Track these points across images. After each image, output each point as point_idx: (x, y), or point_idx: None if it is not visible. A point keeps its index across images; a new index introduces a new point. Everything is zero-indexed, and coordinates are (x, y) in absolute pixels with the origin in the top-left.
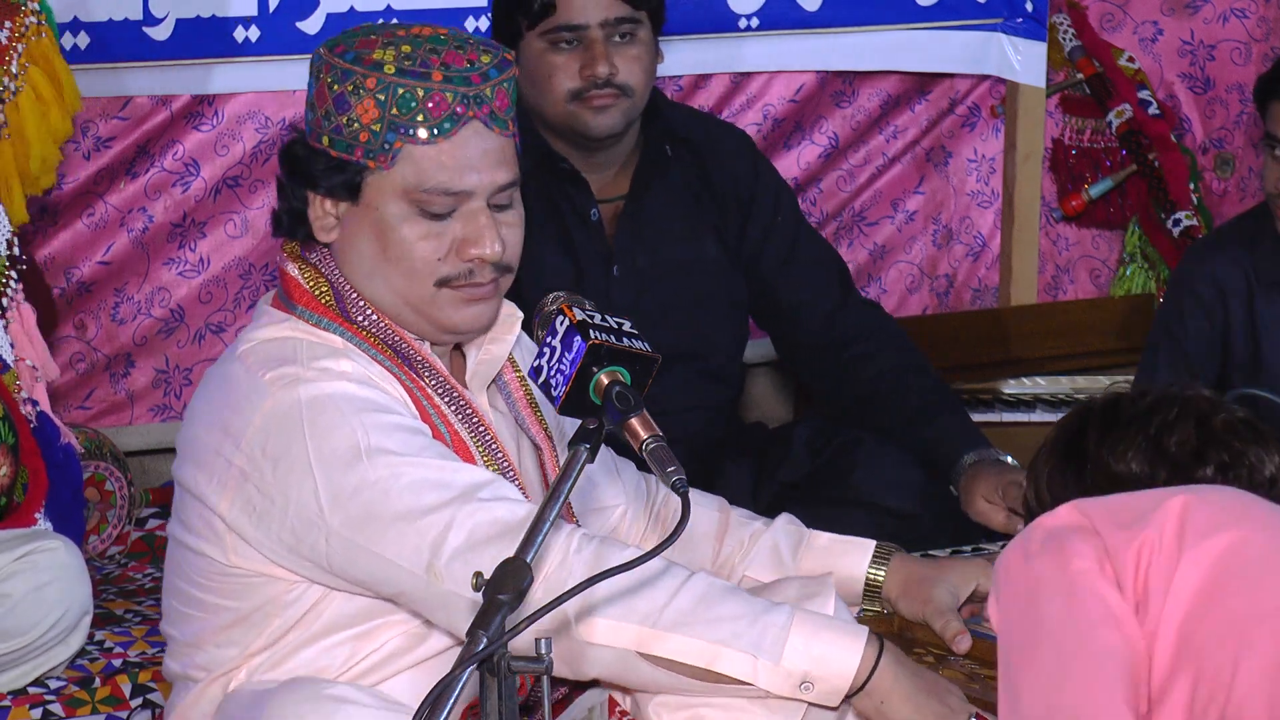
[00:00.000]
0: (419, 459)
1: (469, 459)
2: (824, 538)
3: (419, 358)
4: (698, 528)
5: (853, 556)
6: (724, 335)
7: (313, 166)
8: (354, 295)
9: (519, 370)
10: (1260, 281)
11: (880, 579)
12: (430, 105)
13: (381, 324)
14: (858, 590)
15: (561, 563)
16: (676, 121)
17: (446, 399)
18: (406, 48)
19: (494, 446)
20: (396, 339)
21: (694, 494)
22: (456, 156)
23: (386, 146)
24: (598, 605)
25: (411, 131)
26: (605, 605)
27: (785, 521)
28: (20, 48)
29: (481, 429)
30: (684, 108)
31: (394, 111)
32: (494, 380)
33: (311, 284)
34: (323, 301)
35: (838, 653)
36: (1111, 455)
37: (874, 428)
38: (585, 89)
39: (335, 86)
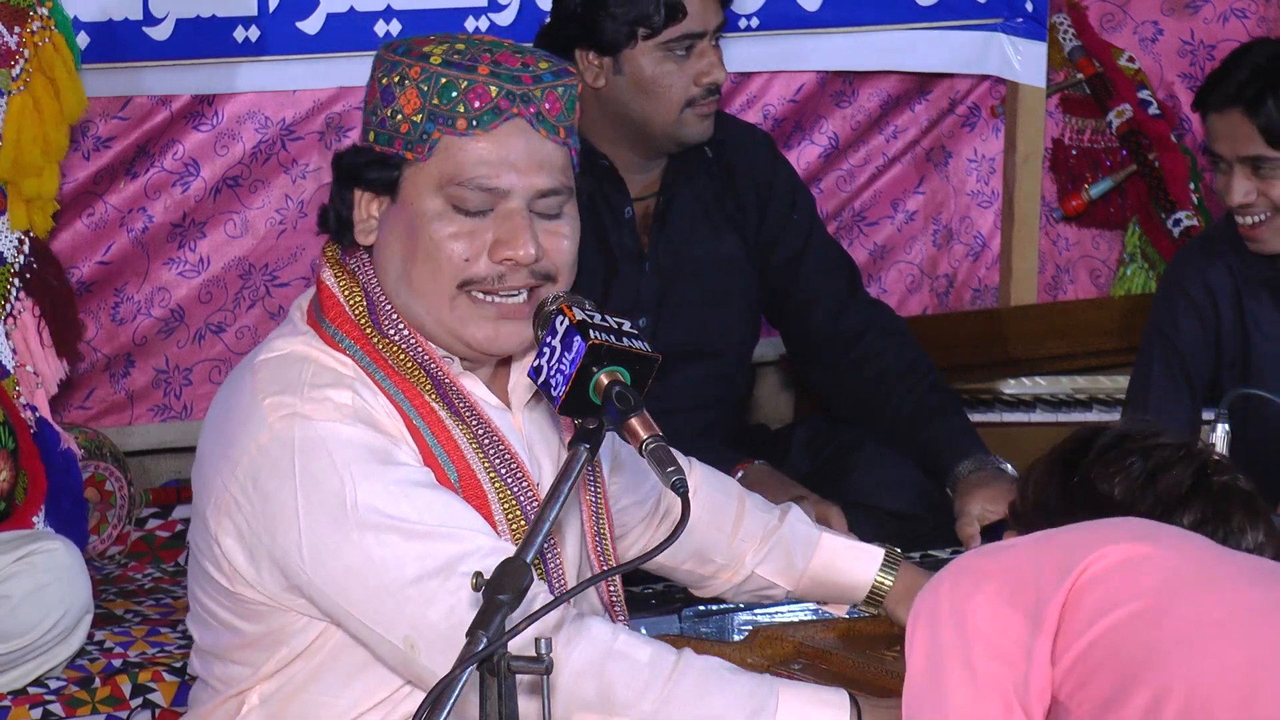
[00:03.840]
0: (405, 523)
1: (478, 493)
2: (835, 541)
3: (445, 378)
4: (712, 516)
5: (862, 562)
6: (738, 332)
7: (356, 163)
8: (387, 306)
9: None
10: (1247, 281)
11: (887, 586)
12: (472, 96)
13: (411, 339)
14: (860, 595)
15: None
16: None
17: (470, 423)
18: (461, 46)
19: (517, 474)
20: (425, 357)
21: (711, 477)
22: (496, 152)
23: (425, 137)
24: None
25: (451, 122)
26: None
27: (796, 519)
28: (27, 53)
29: (506, 456)
30: None
31: (435, 101)
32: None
33: (346, 292)
34: (353, 313)
35: None
36: (1101, 475)
37: (873, 427)
38: (699, 96)
39: (384, 80)
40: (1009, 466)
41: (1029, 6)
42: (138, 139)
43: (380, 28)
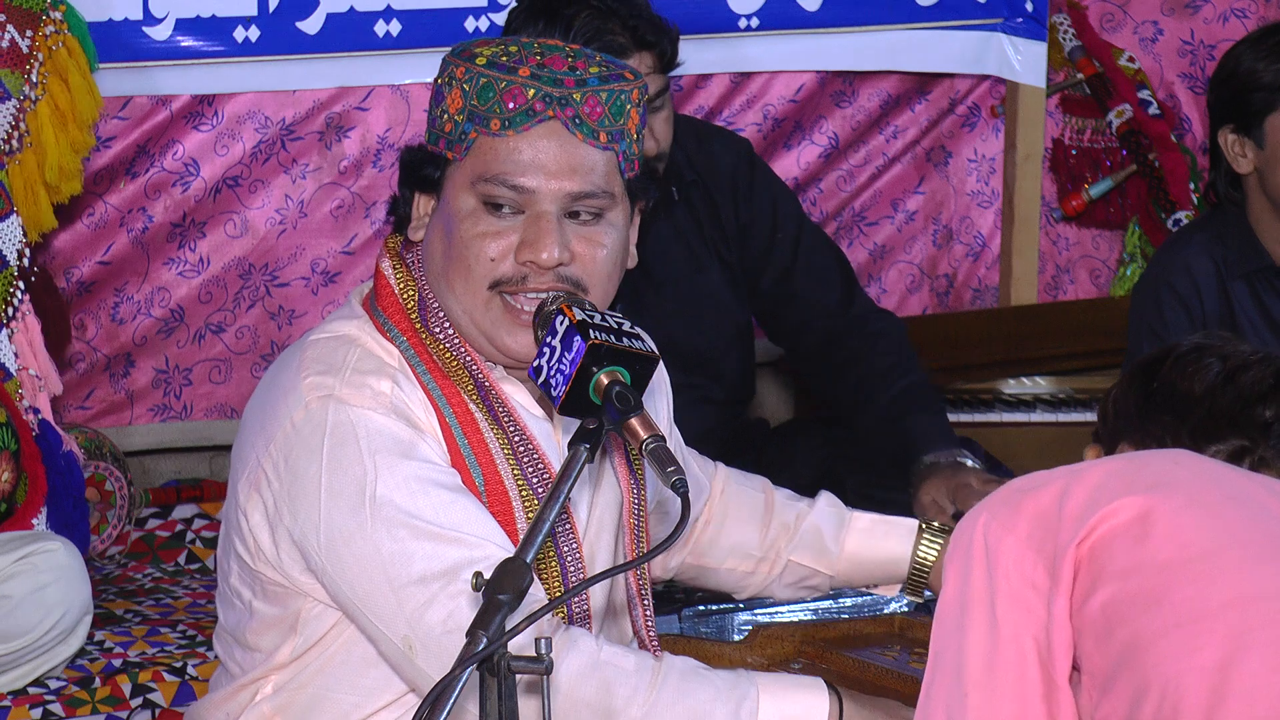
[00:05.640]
0: (419, 520)
1: (502, 500)
2: (865, 519)
3: (486, 381)
4: (744, 511)
5: (896, 533)
6: (731, 360)
7: (410, 161)
8: (435, 305)
9: None
10: (1230, 272)
11: (931, 559)
12: (507, 97)
13: (455, 339)
14: (902, 569)
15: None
16: (679, 156)
17: (507, 429)
18: (514, 48)
19: (549, 485)
20: (468, 358)
21: (738, 475)
22: (526, 152)
23: (463, 136)
24: None
25: (486, 122)
26: None
27: (826, 503)
28: (41, 56)
29: (539, 466)
30: (683, 122)
31: (474, 102)
32: None
33: (401, 285)
34: (406, 306)
35: (807, 710)
36: (1181, 374)
37: (857, 427)
38: None
39: (438, 81)
40: (970, 460)
41: (1029, 6)
42: (138, 139)
43: (380, 28)
